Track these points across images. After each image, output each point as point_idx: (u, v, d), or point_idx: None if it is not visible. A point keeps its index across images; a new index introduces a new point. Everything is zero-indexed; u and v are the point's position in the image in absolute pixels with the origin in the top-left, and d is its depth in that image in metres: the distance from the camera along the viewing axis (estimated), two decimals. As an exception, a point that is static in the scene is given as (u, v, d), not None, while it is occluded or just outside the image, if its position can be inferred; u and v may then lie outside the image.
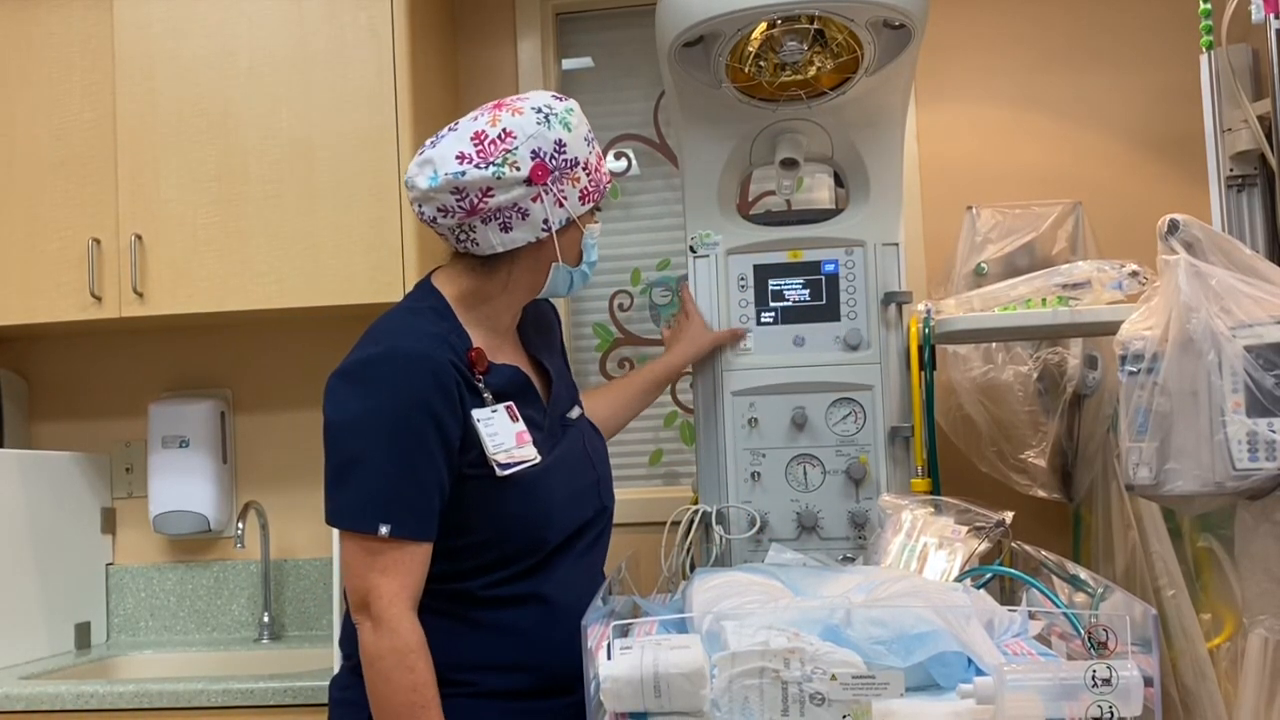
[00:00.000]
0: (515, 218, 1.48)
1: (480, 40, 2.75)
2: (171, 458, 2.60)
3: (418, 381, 1.43)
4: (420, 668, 1.40)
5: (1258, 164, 1.93)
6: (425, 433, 1.42)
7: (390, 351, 1.45)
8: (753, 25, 1.85)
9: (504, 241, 1.49)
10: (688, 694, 1.14)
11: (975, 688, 1.12)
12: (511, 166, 1.45)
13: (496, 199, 1.45)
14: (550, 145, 1.47)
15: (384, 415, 1.42)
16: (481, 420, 1.47)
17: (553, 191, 1.48)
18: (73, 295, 2.41)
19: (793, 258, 2.07)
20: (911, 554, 1.66)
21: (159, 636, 2.67)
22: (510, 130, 1.46)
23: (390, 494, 1.41)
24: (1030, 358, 2.24)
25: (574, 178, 1.50)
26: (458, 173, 1.44)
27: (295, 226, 2.35)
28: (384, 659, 1.39)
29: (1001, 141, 2.56)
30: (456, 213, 1.47)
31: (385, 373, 1.44)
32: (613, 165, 2.76)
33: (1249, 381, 1.52)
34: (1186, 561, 1.94)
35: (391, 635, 1.39)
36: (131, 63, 2.41)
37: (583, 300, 2.76)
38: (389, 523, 1.40)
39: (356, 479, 1.42)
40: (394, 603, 1.40)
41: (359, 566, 1.42)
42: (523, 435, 1.50)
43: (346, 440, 1.44)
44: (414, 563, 1.43)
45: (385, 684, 1.39)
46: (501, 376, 1.53)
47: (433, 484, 1.43)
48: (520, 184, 1.46)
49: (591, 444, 1.68)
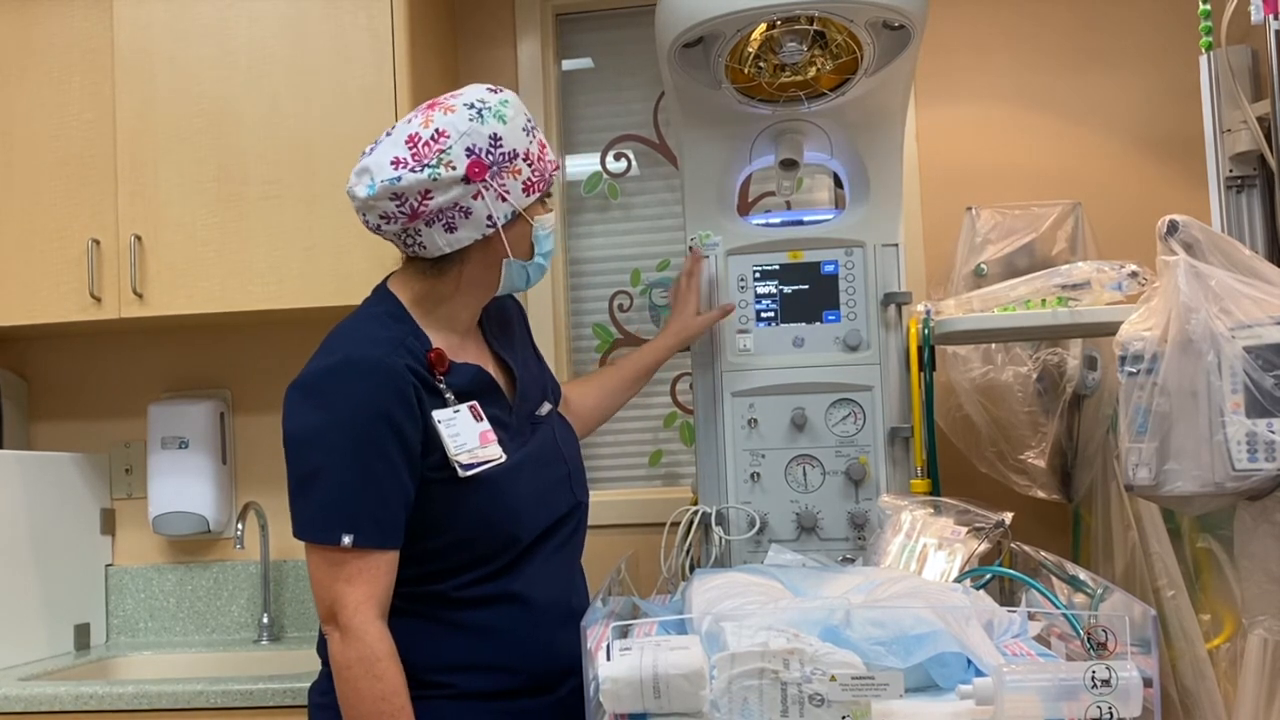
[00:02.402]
0: (458, 217, 1.47)
1: (480, 41, 2.75)
2: (171, 458, 2.60)
3: (374, 390, 1.43)
4: (388, 676, 1.40)
5: (1257, 165, 1.93)
6: (384, 441, 1.42)
7: (344, 361, 1.46)
8: (752, 26, 1.85)
9: (450, 242, 1.49)
10: (687, 695, 1.14)
11: (974, 688, 1.12)
12: (447, 166, 1.44)
13: (436, 200, 1.45)
14: (485, 141, 1.46)
15: (341, 426, 1.43)
16: (443, 422, 1.47)
17: (493, 187, 1.47)
18: (72, 296, 2.41)
19: (793, 258, 2.07)
20: (911, 554, 1.66)
21: (158, 637, 2.67)
22: (443, 130, 1.45)
23: (351, 504, 1.42)
24: (1030, 358, 2.24)
25: (514, 170, 1.49)
26: (394, 178, 1.44)
27: (295, 227, 2.35)
28: (351, 668, 1.40)
29: (1001, 142, 2.56)
30: (399, 218, 1.47)
31: (340, 383, 1.44)
32: (612, 165, 2.77)
33: (1248, 382, 1.52)
34: (1186, 562, 1.94)
35: (358, 644, 1.40)
36: (131, 63, 2.41)
37: (583, 300, 2.77)
38: (352, 533, 1.41)
39: (317, 491, 1.43)
40: (359, 611, 1.41)
41: (324, 577, 1.43)
42: (487, 435, 1.50)
43: (306, 453, 1.45)
44: (379, 571, 1.43)
45: (354, 693, 1.40)
46: (463, 376, 1.52)
47: (394, 491, 1.43)
48: (458, 183, 1.45)
49: (563, 438, 1.66)
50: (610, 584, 1.55)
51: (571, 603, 1.59)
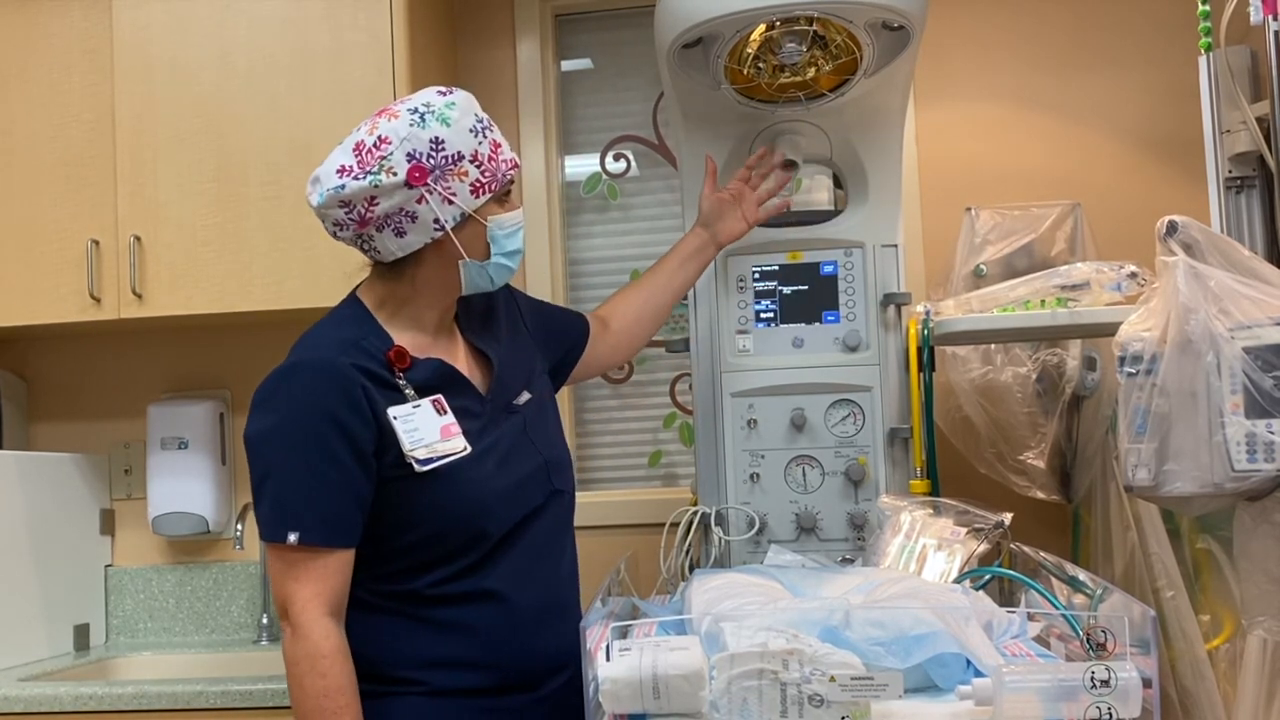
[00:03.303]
0: (405, 222, 1.48)
1: (479, 41, 2.75)
2: (170, 459, 2.60)
3: (319, 391, 1.45)
4: (333, 673, 1.41)
5: (1256, 165, 1.94)
6: (330, 441, 1.44)
7: (295, 365, 1.49)
8: (751, 27, 1.85)
9: (401, 246, 1.50)
10: (686, 695, 1.14)
11: (974, 689, 1.12)
12: (388, 173, 1.45)
13: (382, 206, 1.46)
14: (425, 145, 1.46)
15: (288, 427, 1.45)
16: (399, 418, 1.48)
17: (436, 191, 1.47)
18: (72, 296, 2.41)
19: (792, 259, 2.07)
20: (910, 555, 1.66)
21: (158, 638, 2.67)
22: (385, 137, 1.47)
23: (297, 503, 1.44)
24: (1029, 359, 2.24)
25: (460, 172, 1.48)
26: (338, 186, 1.46)
27: (294, 227, 2.35)
28: (298, 664, 1.42)
29: (1001, 142, 2.56)
30: (350, 225, 1.49)
31: (289, 387, 1.47)
32: (611, 166, 2.77)
33: (1247, 383, 1.52)
34: (1185, 562, 1.94)
35: (304, 641, 1.41)
36: (131, 64, 2.41)
37: (582, 300, 2.76)
38: (296, 530, 1.42)
39: (269, 491, 1.45)
40: (306, 609, 1.42)
41: (278, 575, 1.45)
42: (449, 428, 1.50)
43: (258, 456, 1.48)
44: (327, 570, 1.44)
45: (299, 689, 1.42)
46: (425, 370, 1.53)
47: (343, 490, 1.45)
48: (400, 188, 1.46)
49: (536, 429, 1.63)
50: (610, 584, 1.55)
51: (555, 599, 1.58)
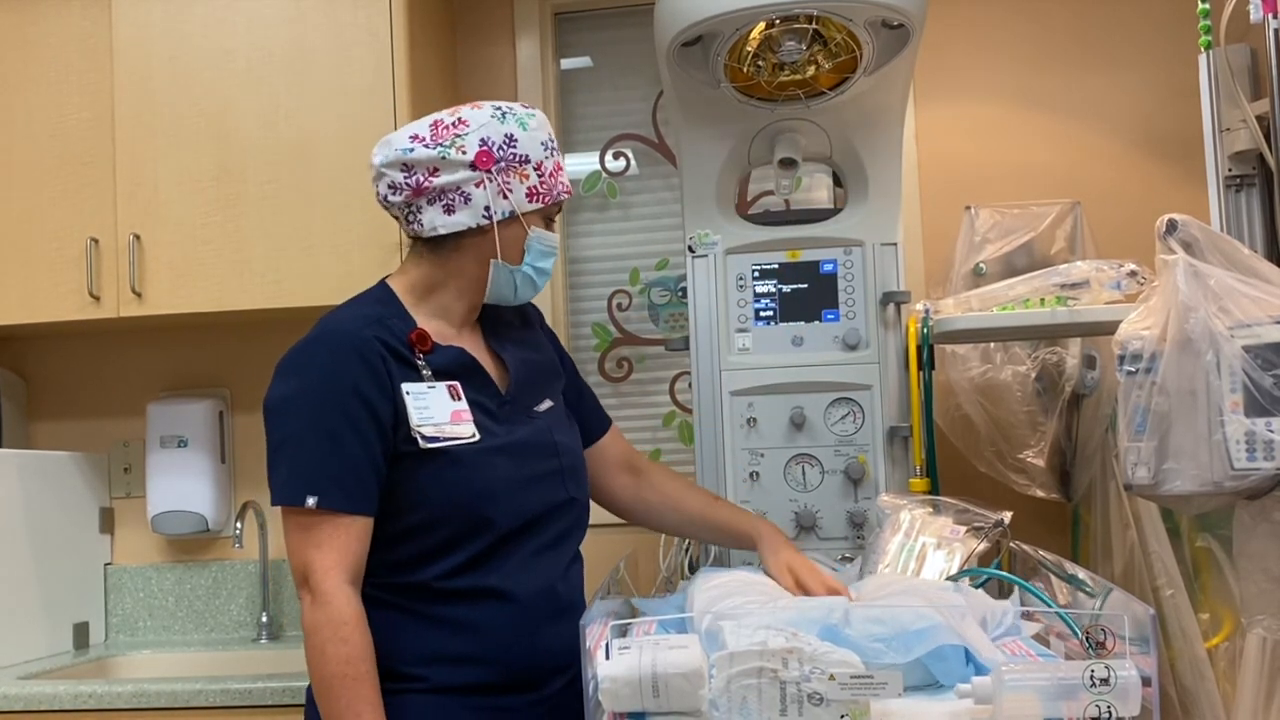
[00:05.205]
0: (458, 200, 1.53)
1: (479, 39, 2.75)
2: (170, 457, 2.60)
3: (342, 360, 1.47)
4: (355, 640, 1.41)
5: (1256, 164, 1.93)
6: (350, 408, 1.45)
7: (318, 336, 1.51)
8: (751, 25, 1.85)
9: (446, 224, 1.53)
10: (686, 694, 1.14)
11: (973, 687, 1.12)
12: (458, 150, 1.51)
13: (441, 179, 1.51)
14: (500, 136, 1.53)
15: (309, 394, 1.46)
16: (412, 394, 1.49)
17: (496, 180, 1.52)
18: (71, 295, 2.41)
19: (791, 257, 2.07)
20: (910, 554, 1.66)
21: (157, 636, 2.67)
22: (465, 119, 1.53)
23: (316, 468, 1.44)
24: (1029, 357, 2.24)
25: (522, 173, 1.54)
26: (407, 149, 1.52)
27: (293, 226, 2.35)
28: (320, 631, 1.41)
29: (1000, 141, 2.56)
30: (404, 190, 1.53)
31: (311, 356, 1.49)
32: (611, 164, 2.77)
33: (1247, 381, 1.52)
34: (1185, 561, 1.94)
35: (326, 607, 1.41)
36: (130, 62, 2.41)
37: (581, 300, 2.76)
38: (316, 494, 1.43)
39: (286, 457, 1.46)
40: (328, 575, 1.42)
41: (296, 543, 1.45)
42: (460, 414, 1.51)
43: (277, 422, 1.48)
44: (348, 537, 1.44)
45: (320, 656, 1.41)
46: (446, 356, 1.55)
47: (361, 458, 1.45)
48: (464, 167, 1.51)
49: (561, 434, 1.65)
50: (609, 583, 1.55)
51: (561, 602, 1.58)
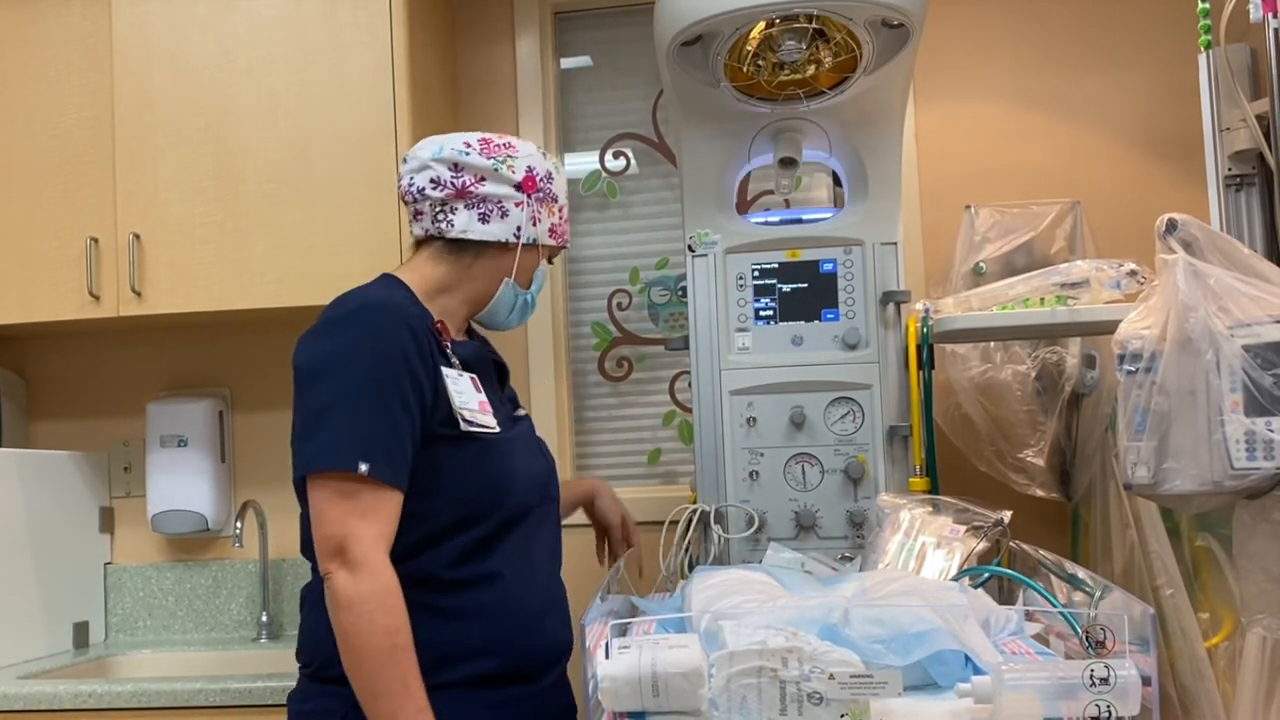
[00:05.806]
0: (495, 213, 1.58)
1: (479, 39, 2.75)
2: (170, 457, 2.60)
3: (392, 330, 1.45)
4: (399, 611, 1.39)
5: (1256, 163, 1.93)
6: (400, 379, 1.43)
7: (362, 305, 1.48)
8: (751, 24, 1.85)
9: (479, 231, 1.58)
10: (686, 693, 1.14)
11: (973, 687, 1.12)
12: (509, 168, 1.59)
13: (486, 188, 1.57)
14: (543, 170, 1.62)
15: (360, 359, 1.42)
16: (450, 378, 1.50)
17: (533, 206, 1.60)
18: (71, 294, 2.41)
19: (791, 257, 2.07)
20: (910, 553, 1.66)
21: (157, 636, 2.67)
22: (513, 144, 1.62)
23: (368, 434, 1.40)
24: (1028, 357, 2.24)
25: (551, 209, 1.64)
26: (463, 151, 1.57)
27: (293, 225, 2.35)
28: (367, 602, 1.37)
29: (1000, 141, 2.56)
30: (447, 187, 1.56)
31: (359, 322, 1.45)
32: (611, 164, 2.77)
33: (1247, 381, 1.52)
34: (1185, 561, 1.94)
35: (373, 579, 1.37)
36: (130, 62, 2.41)
37: (581, 299, 2.76)
38: (368, 461, 1.38)
39: (332, 421, 1.41)
40: (376, 546, 1.39)
41: (335, 511, 1.39)
42: (485, 404, 1.54)
43: (321, 385, 1.43)
44: (390, 510, 1.42)
45: (368, 625, 1.36)
46: (467, 349, 1.59)
47: (406, 432, 1.44)
48: (511, 185, 1.59)
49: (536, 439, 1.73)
50: (609, 582, 1.55)
51: (554, 593, 1.63)
